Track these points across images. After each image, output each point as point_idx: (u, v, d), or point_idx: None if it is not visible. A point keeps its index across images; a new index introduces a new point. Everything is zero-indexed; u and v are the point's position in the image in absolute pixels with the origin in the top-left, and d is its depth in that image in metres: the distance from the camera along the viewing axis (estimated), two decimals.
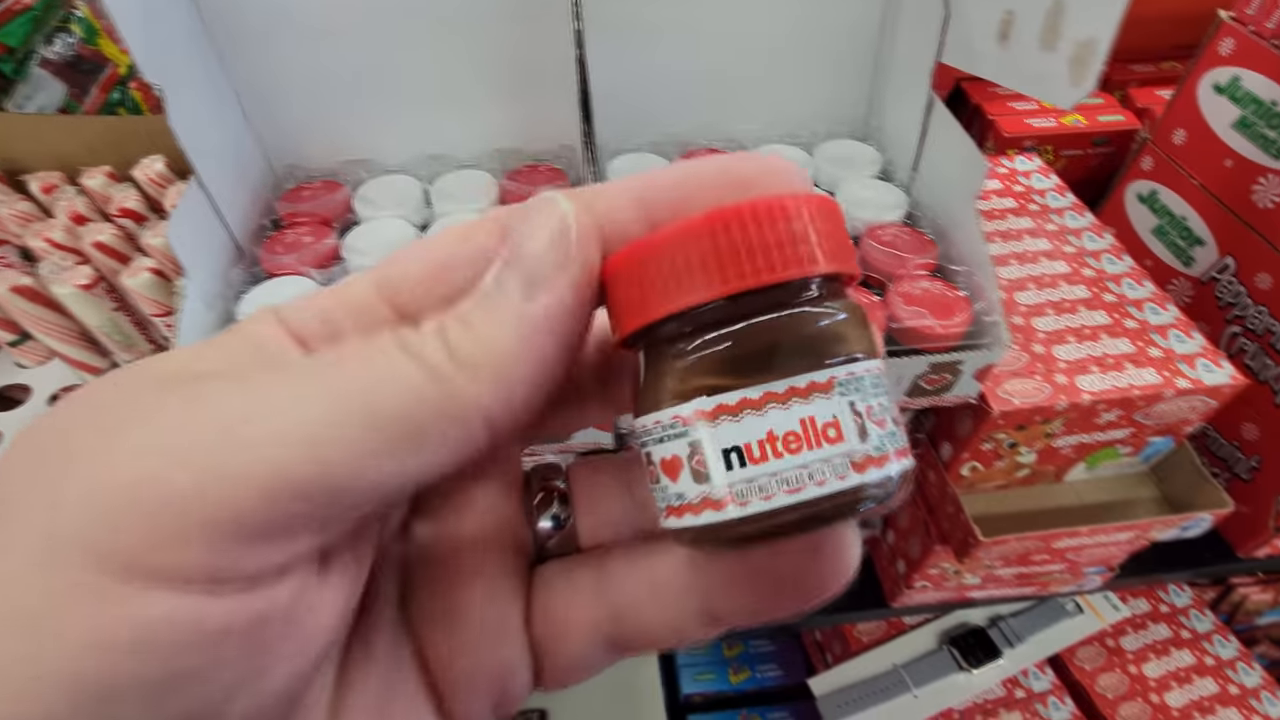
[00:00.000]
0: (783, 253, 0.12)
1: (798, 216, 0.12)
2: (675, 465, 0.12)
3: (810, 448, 0.11)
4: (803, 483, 0.11)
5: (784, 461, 0.11)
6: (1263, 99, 0.48)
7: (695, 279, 0.12)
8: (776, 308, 0.12)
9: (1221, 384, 0.41)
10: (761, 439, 0.11)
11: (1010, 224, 0.50)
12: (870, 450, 0.11)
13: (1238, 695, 0.59)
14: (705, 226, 0.12)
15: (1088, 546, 0.45)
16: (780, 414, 0.11)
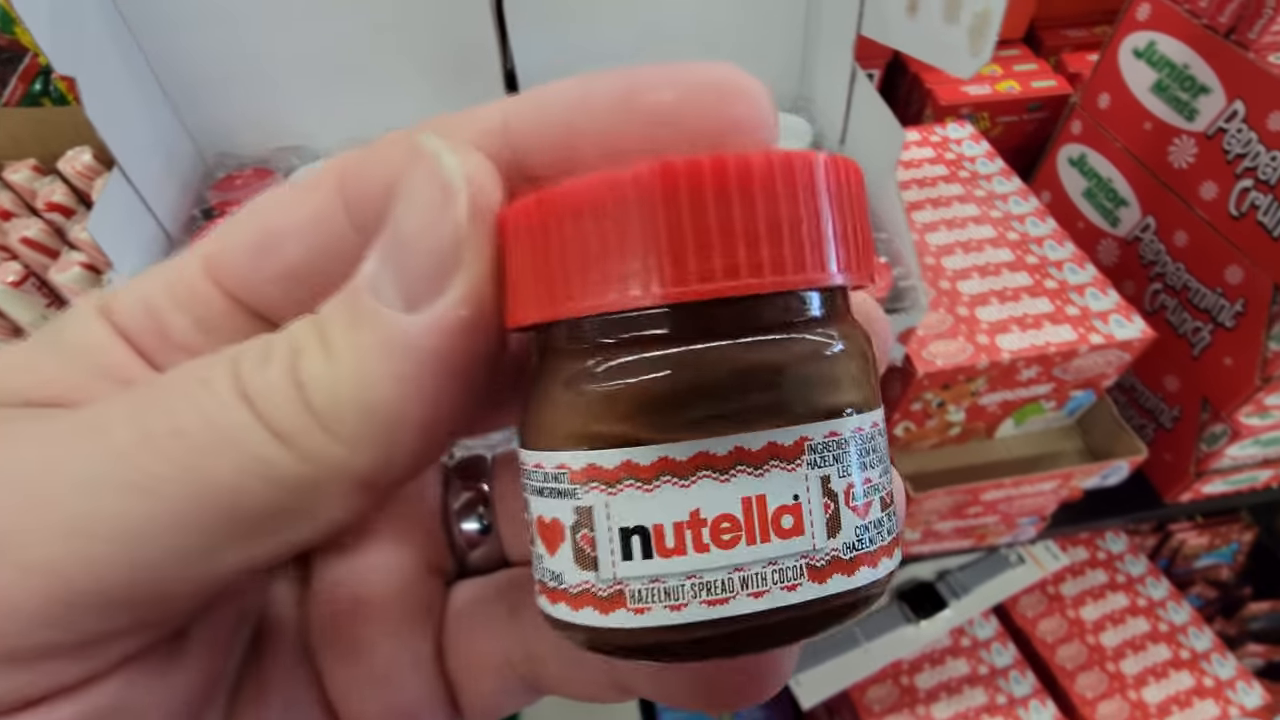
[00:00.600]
0: (778, 247, 0.08)
1: (806, 189, 0.08)
2: (555, 533, 0.09)
3: (751, 542, 0.08)
4: (731, 591, 0.08)
5: (709, 558, 0.08)
6: (1176, 62, 0.50)
7: (631, 267, 0.08)
8: (752, 329, 0.08)
9: (1133, 338, 0.43)
10: (681, 521, 0.08)
11: (941, 191, 0.52)
12: (839, 550, 0.08)
13: (1167, 632, 0.62)
14: (658, 185, 0.08)
15: (1015, 497, 0.47)
16: (714, 488, 0.08)
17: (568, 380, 0.08)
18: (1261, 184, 0.46)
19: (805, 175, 0.08)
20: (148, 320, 0.10)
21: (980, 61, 0.31)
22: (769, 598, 0.08)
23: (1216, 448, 0.52)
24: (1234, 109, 0.47)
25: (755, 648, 0.08)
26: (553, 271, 0.08)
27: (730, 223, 0.08)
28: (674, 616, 0.08)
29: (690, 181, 0.08)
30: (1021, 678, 0.59)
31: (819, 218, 0.08)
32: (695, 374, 0.08)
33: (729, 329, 0.08)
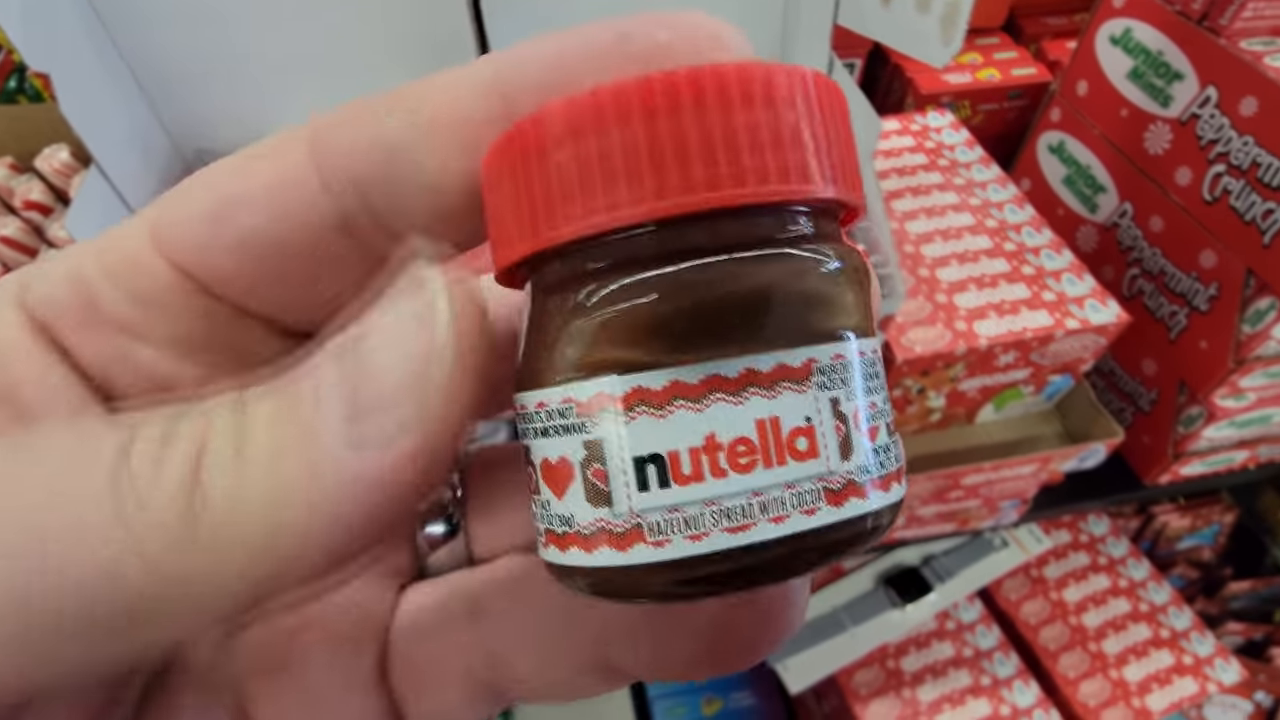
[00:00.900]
0: (761, 156, 0.08)
1: (789, 100, 0.08)
2: (563, 473, 0.08)
3: (769, 465, 0.08)
4: (752, 518, 0.08)
5: (727, 483, 0.08)
6: (1151, 49, 0.51)
7: (612, 188, 0.08)
8: (740, 245, 0.08)
9: (1108, 322, 0.43)
10: (697, 446, 0.08)
11: (920, 179, 0.52)
12: (854, 472, 0.08)
13: (1147, 612, 0.63)
14: (635, 101, 0.08)
15: (995, 481, 0.48)
16: (728, 410, 0.08)
17: (565, 311, 0.08)
18: (1234, 169, 0.46)
19: (788, 87, 0.08)
20: (73, 294, 0.10)
21: (952, 51, 0.31)
22: (790, 522, 0.08)
23: (1193, 430, 0.53)
24: (1207, 95, 0.48)
25: (774, 578, 0.08)
26: (535, 203, 0.08)
27: (710, 133, 0.07)
28: (696, 547, 0.08)
29: (668, 93, 0.08)
30: (1005, 659, 0.60)
31: (801, 128, 0.08)
32: (695, 293, 0.08)
33: (723, 245, 0.08)
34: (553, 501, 0.08)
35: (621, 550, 0.08)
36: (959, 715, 0.57)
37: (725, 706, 0.70)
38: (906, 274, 0.45)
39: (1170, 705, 0.58)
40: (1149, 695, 0.58)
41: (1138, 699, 0.58)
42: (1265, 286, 0.46)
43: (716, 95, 0.08)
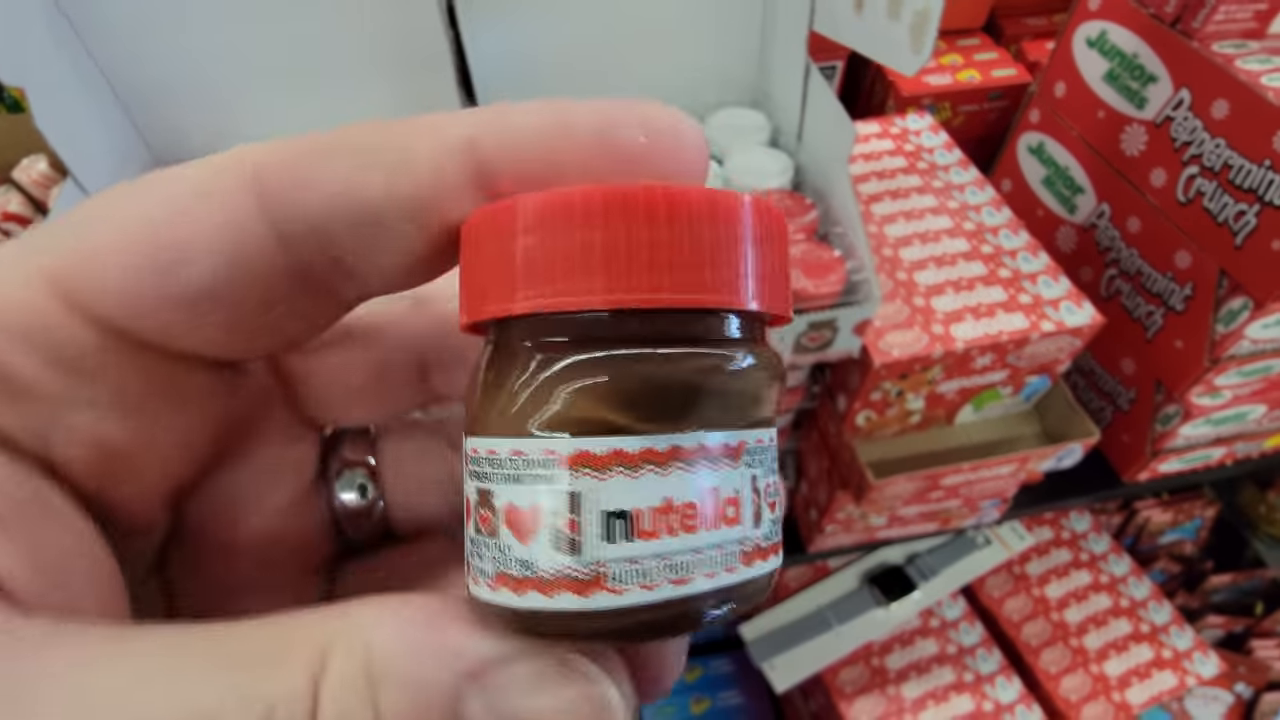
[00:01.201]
0: (729, 271, 0.09)
1: (730, 223, 0.09)
2: (530, 520, 0.09)
3: (707, 528, 0.09)
4: (690, 572, 0.09)
5: (677, 541, 0.09)
6: (1126, 52, 0.51)
7: (622, 268, 0.09)
8: (700, 340, 0.09)
9: (1083, 324, 0.44)
10: (656, 507, 0.09)
11: (899, 182, 0.52)
12: (760, 539, 0.09)
13: (1128, 607, 0.64)
14: (641, 205, 0.09)
15: (975, 481, 0.48)
16: (684, 479, 0.09)
17: (551, 366, 0.09)
18: (1206, 170, 0.47)
19: (729, 211, 0.09)
20: None
21: (921, 59, 0.32)
22: (717, 578, 0.09)
23: (1170, 428, 0.54)
24: (1180, 97, 0.48)
25: (690, 627, 0.09)
26: (542, 262, 0.09)
27: (699, 246, 0.09)
28: (648, 595, 0.09)
29: (628, 207, 0.09)
30: (988, 655, 0.61)
31: (737, 249, 0.09)
32: (667, 371, 0.09)
33: (686, 337, 0.09)
34: (514, 546, 0.09)
35: (582, 595, 0.09)
36: (942, 712, 0.58)
37: (713, 705, 0.70)
38: (884, 278, 0.46)
39: (1150, 699, 0.58)
40: (1129, 689, 0.59)
41: (1118, 693, 0.59)
42: (1238, 287, 0.46)
43: (667, 214, 0.09)
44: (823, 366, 0.48)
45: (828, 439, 0.51)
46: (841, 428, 0.48)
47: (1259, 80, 0.44)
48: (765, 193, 0.43)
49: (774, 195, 0.42)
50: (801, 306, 0.38)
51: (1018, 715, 0.58)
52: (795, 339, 0.39)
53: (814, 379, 0.48)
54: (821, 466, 0.52)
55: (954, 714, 0.58)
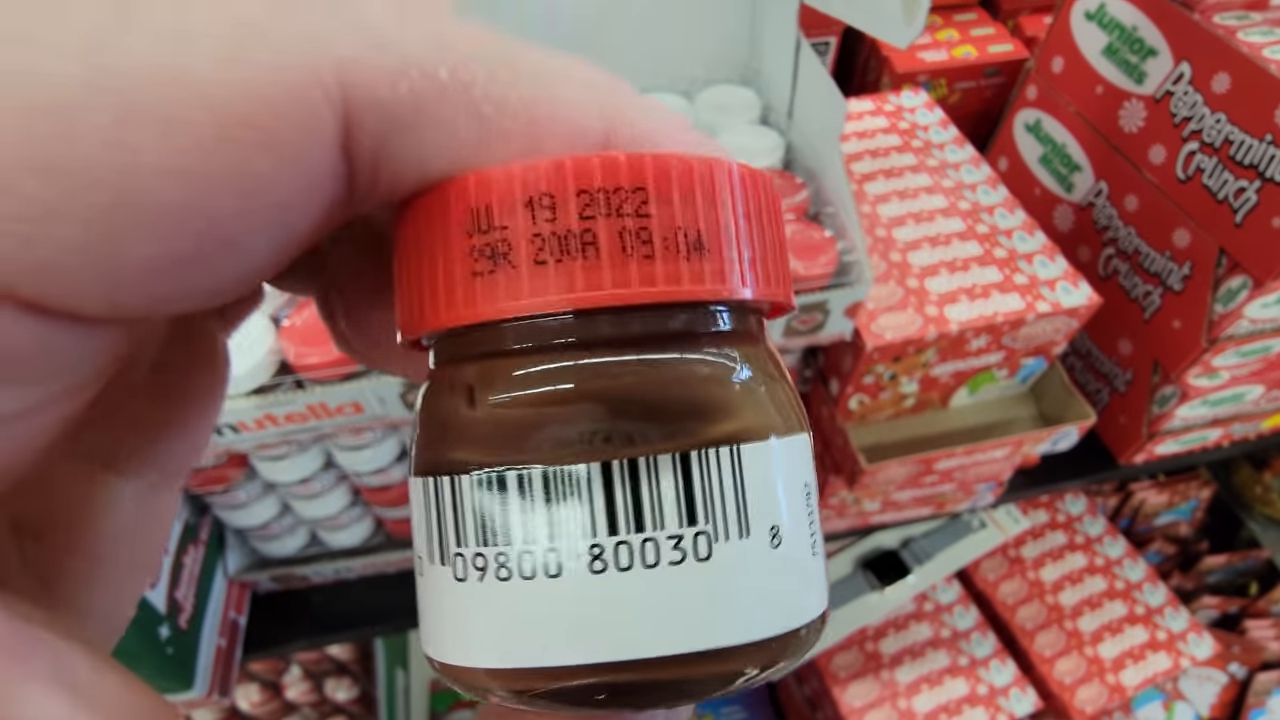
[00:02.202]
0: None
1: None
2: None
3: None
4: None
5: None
6: (1125, 25, 0.50)
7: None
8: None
9: (1079, 305, 0.43)
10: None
11: (894, 161, 0.51)
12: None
13: (1123, 589, 0.64)
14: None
15: (969, 465, 0.48)
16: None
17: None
18: (1206, 146, 0.46)
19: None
20: None
21: (915, 30, 0.31)
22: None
23: (1167, 409, 0.53)
24: (1180, 71, 0.47)
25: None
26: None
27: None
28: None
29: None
30: (983, 639, 0.61)
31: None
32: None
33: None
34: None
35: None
36: (937, 695, 0.57)
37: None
38: (877, 259, 0.45)
39: (1144, 680, 0.58)
40: (1123, 671, 0.59)
41: (1112, 675, 0.59)
42: (1237, 265, 0.46)
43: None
44: (815, 350, 0.47)
45: (820, 424, 0.50)
46: (834, 412, 0.47)
47: (1261, 53, 0.43)
48: None
49: None
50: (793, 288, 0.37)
51: (1011, 698, 0.58)
52: (785, 322, 0.38)
53: (806, 363, 0.48)
54: (814, 451, 0.51)
55: (948, 698, 0.57)
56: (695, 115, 0.46)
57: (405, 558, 0.53)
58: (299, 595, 0.54)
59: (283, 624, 0.52)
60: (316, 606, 0.53)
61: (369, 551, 0.52)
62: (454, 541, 0.08)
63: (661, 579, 0.08)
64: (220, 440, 0.36)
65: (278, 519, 0.47)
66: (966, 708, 0.57)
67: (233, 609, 0.49)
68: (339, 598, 0.54)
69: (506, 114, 0.08)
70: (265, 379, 0.34)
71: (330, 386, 0.34)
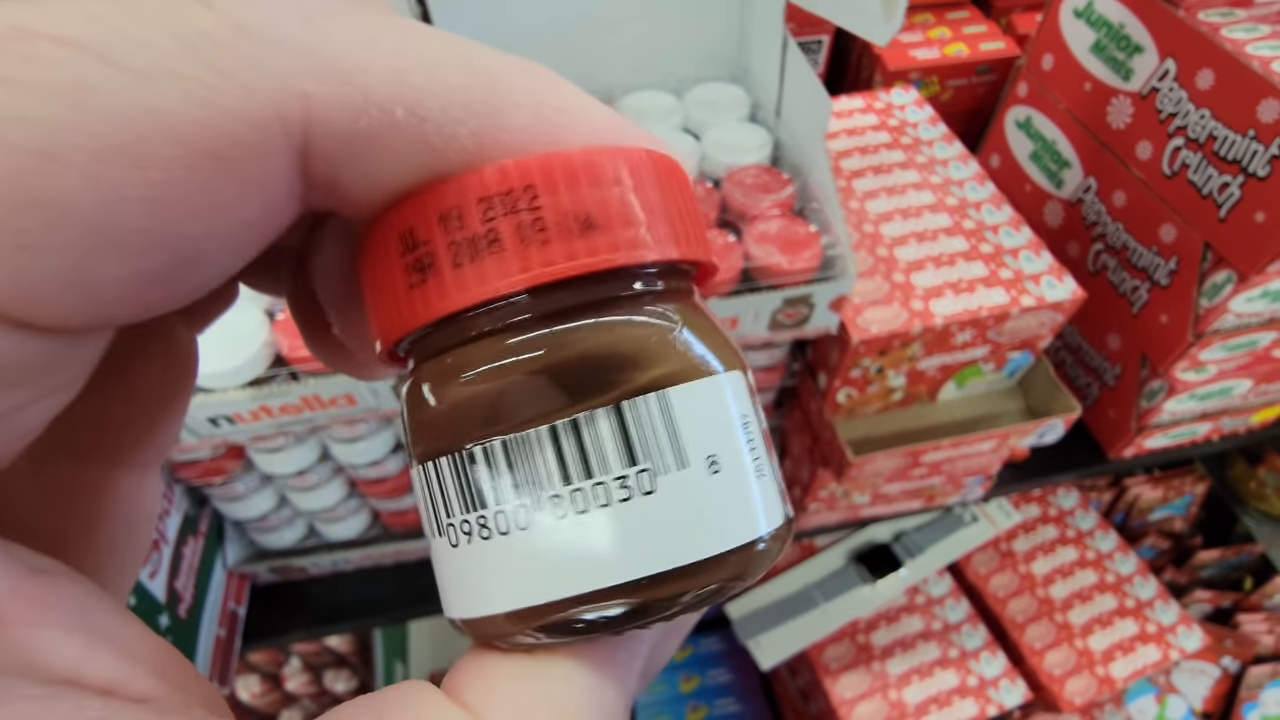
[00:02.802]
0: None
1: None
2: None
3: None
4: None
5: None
6: (1113, 22, 0.50)
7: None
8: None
9: (1064, 299, 0.43)
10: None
11: (883, 158, 0.52)
12: None
13: (1113, 583, 0.64)
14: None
15: (956, 458, 0.48)
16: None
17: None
18: (1191, 142, 0.46)
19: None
20: None
21: (893, 28, 0.31)
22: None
23: (1155, 403, 0.54)
24: (1166, 68, 0.47)
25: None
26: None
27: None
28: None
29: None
30: (973, 631, 0.61)
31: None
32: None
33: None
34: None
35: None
36: (926, 687, 0.58)
37: (703, 683, 0.71)
38: (865, 254, 0.45)
39: (1134, 673, 0.59)
40: (1113, 663, 0.59)
41: (1102, 667, 0.59)
42: (1221, 260, 0.46)
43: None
44: (803, 344, 0.48)
45: (809, 417, 0.51)
46: (822, 405, 0.48)
47: (1244, 49, 0.43)
48: (741, 169, 0.42)
49: (751, 171, 0.42)
50: (777, 282, 0.38)
51: (1001, 689, 0.58)
52: (771, 315, 0.39)
53: (794, 357, 0.48)
54: (804, 445, 0.52)
55: (938, 689, 0.58)
56: (685, 112, 0.46)
57: (402, 550, 0.54)
58: (297, 586, 0.55)
59: (281, 615, 0.53)
60: (315, 598, 0.54)
61: (366, 543, 0.53)
62: (444, 514, 0.09)
63: (617, 515, 0.09)
64: (217, 431, 0.37)
65: (276, 511, 0.48)
66: (956, 699, 0.57)
67: (232, 600, 0.50)
68: (337, 589, 0.55)
69: (454, 147, 0.09)
70: (260, 371, 0.35)
71: (324, 378, 0.35)
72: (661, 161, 0.10)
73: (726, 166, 0.42)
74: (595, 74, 0.47)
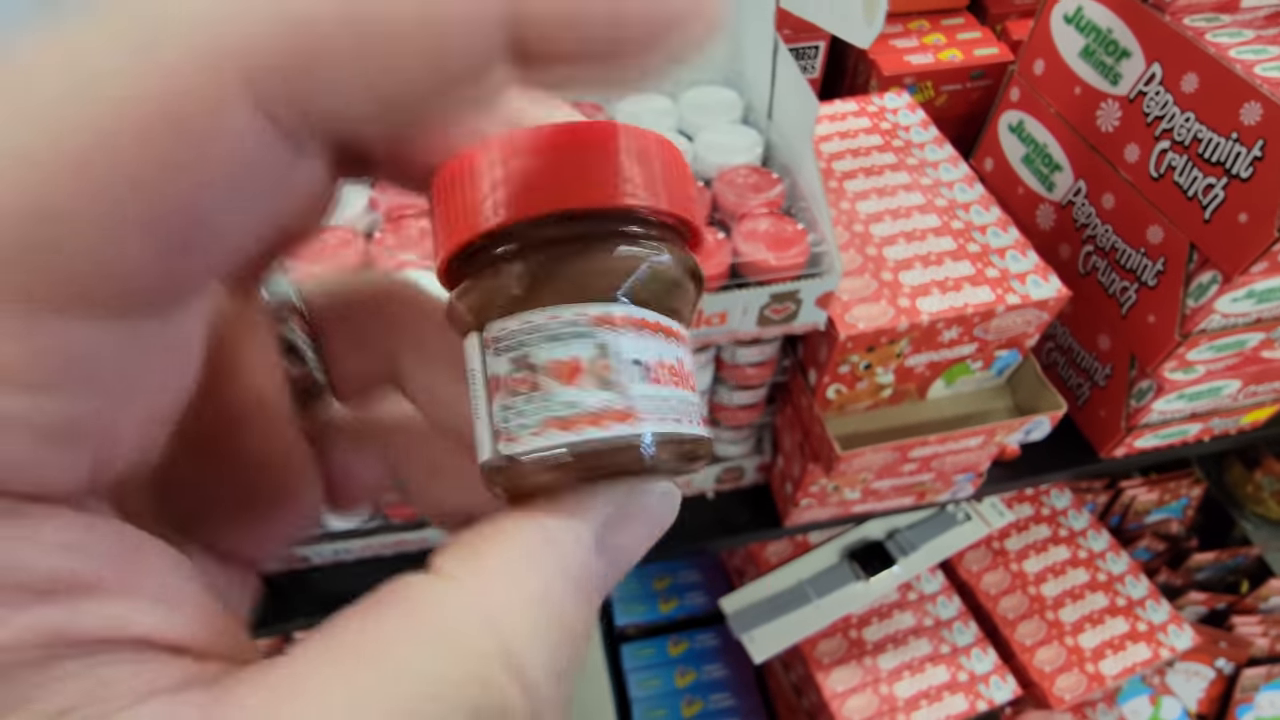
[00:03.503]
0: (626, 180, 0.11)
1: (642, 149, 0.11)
2: (572, 370, 0.11)
3: (684, 387, 0.11)
4: (682, 417, 0.11)
5: (670, 391, 0.11)
6: (1101, 27, 0.51)
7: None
8: (664, 241, 0.11)
9: (1048, 297, 0.44)
10: (660, 361, 0.11)
11: (875, 160, 0.53)
12: (699, 405, 0.12)
13: (1105, 582, 0.65)
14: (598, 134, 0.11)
15: (944, 454, 0.49)
16: (668, 344, 0.11)
17: (589, 253, 0.11)
18: (1177, 145, 0.47)
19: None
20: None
21: (874, 30, 0.32)
22: (694, 426, 0.11)
23: (1144, 403, 0.54)
24: (1152, 72, 0.48)
25: (690, 466, 0.11)
26: (564, 177, 0.10)
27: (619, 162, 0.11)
28: (668, 427, 0.11)
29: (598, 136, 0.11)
30: (965, 628, 0.62)
31: (616, 163, 0.10)
32: (664, 268, 0.11)
33: (663, 238, 0.11)
34: (560, 391, 0.11)
35: (625, 423, 0.10)
36: (918, 682, 0.59)
37: (698, 678, 0.72)
38: (854, 252, 0.46)
39: (1123, 670, 0.59)
40: (1103, 661, 0.60)
41: (1091, 664, 0.60)
42: (1207, 261, 0.47)
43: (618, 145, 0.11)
44: (794, 341, 0.49)
45: (800, 413, 0.52)
46: (813, 401, 0.48)
47: (1227, 53, 0.44)
48: (731, 169, 0.43)
49: (741, 171, 0.43)
50: (764, 278, 0.39)
51: (991, 685, 0.59)
52: (759, 311, 0.40)
53: (785, 353, 0.49)
54: (795, 440, 0.53)
55: (929, 684, 0.59)
56: (679, 114, 0.47)
57: (403, 540, 0.55)
58: (299, 575, 0.56)
59: (283, 603, 0.55)
60: (316, 586, 0.56)
61: (368, 534, 0.54)
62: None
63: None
64: None
65: None
66: (946, 694, 0.58)
67: None
68: (338, 578, 0.56)
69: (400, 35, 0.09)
70: None
71: None
72: (659, 140, 0.11)
73: (718, 167, 0.43)
74: None
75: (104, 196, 0.08)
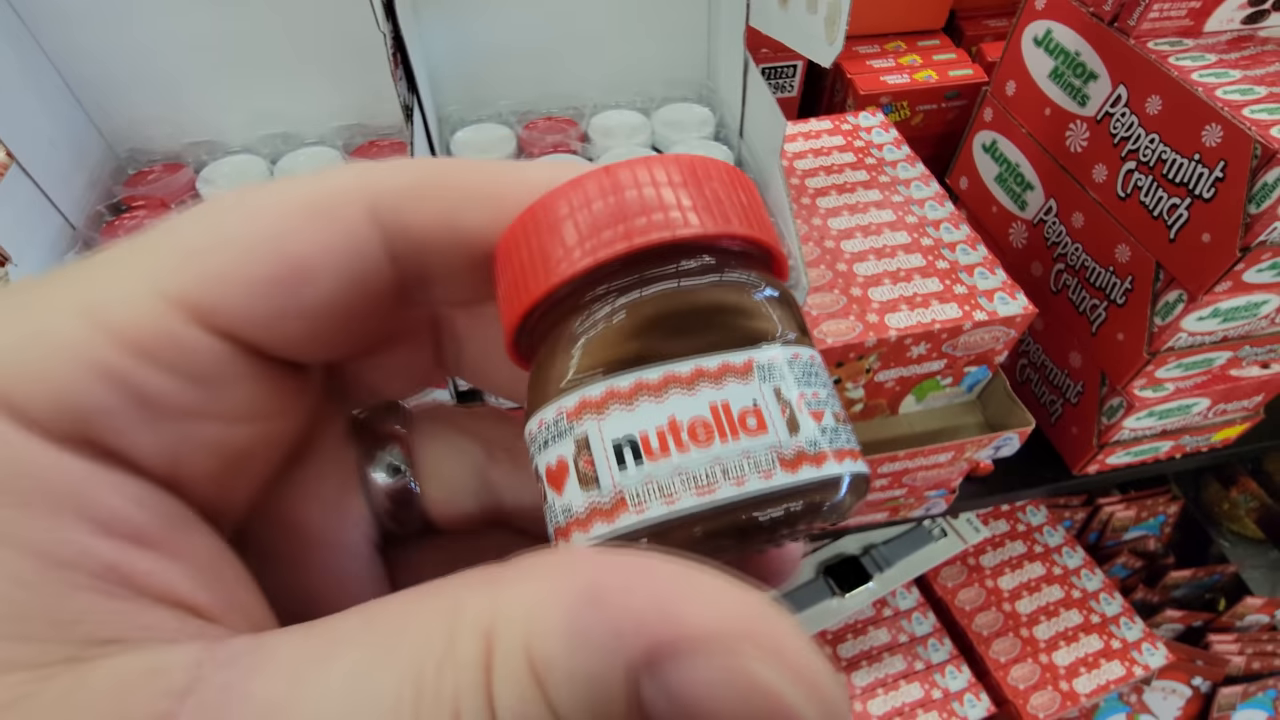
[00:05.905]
0: (671, 213, 0.10)
1: (706, 172, 0.10)
2: (561, 472, 0.10)
3: (724, 439, 0.09)
4: (715, 480, 0.09)
5: (690, 455, 0.09)
6: (1069, 50, 0.52)
7: (586, 244, 0.10)
8: (686, 274, 0.10)
9: (1015, 314, 0.45)
10: (661, 427, 0.09)
11: (847, 177, 0.53)
12: (803, 445, 0.09)
13: (1079, 599, 0.65)
14: (594, 181, 0.10)
15: (913, 470, 0.49)
16: (684, 399, 0.09)
17: (558, 345, 0.10)
18: (1143, 165, 0.48)
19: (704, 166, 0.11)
20: (113, 394, 0.09)
21: (835, 50, 0.33)
22: (749, 484, 0.09)
23: (1115, 420, 0.55)
24: (1118, 94, 0.49)
25: (746, 538, 0.09)
26: (528, 267, 0.10)
27: (642, 198, 0.10)
28: (669, 508, 0.09)
29: (611, 178, 0.10)
30: (939, 645, 0.62)
31: (682, 196, 0.10)
32: (646, 310, 0.10)
33: (668, 274, 0.10)
34: (557, 500, 0.10)
35: (610, 521, 0.09)
36: (891, 699, 0.58)
37: None
38: (824, 269, 0.47)
39: (1097, 688, 0.59)
40: (1077, 678, 0.60)
41: (1065, 682, 0.59)
42: (1173, 280, 0.47)
43: (651, 172, 0.10)
44: None
45: None
46: None
47: (1190, 76, 0.45)
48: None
49: None
50: None
51: (965, 703, 0.58)
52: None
53: None
54: None
55: (902, 701, 0.58)
56: (652, 130, 0.48)
57: None
58: None
59: None
60: None
61: None
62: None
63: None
64: None
65: None
66: (920, 712, 0.57)
67: None
68: None
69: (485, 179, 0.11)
70: None
71: None
72: (717, 166, 0.11)
73: None
74: (570, 93, 0.49)
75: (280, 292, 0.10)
